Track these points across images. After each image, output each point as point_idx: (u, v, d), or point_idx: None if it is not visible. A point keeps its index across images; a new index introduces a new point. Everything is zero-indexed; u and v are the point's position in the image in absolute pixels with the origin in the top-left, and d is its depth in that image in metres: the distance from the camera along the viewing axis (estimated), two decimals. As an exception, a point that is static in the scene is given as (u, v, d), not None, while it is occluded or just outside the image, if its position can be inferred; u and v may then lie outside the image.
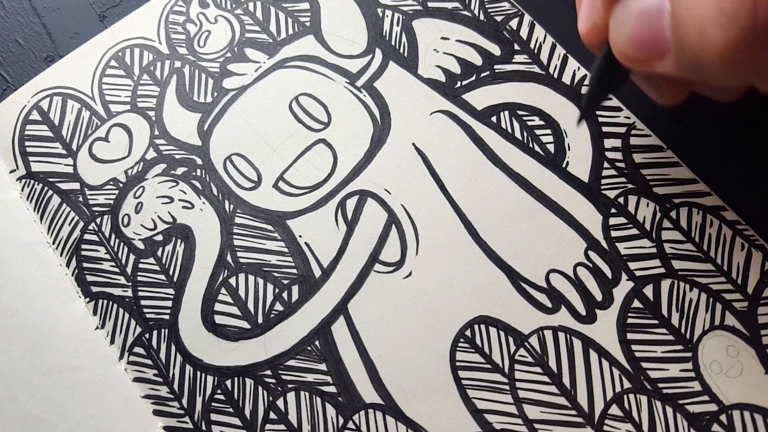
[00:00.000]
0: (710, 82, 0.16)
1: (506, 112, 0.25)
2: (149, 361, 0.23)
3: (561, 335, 0.22)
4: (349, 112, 0.26)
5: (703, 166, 0.24)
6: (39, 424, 0.23)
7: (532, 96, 0.25)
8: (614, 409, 0.21)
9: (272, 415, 0.22)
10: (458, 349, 0.22)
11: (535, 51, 0.26)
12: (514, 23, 0.27)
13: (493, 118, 0.25)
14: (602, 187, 0.24)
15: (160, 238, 0.25)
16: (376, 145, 0.26)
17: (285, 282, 0.24)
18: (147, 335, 0.24)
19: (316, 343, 0.23)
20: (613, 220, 0.23)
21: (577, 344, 0.22)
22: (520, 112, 0.25)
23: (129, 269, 0.25)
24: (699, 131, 0.24)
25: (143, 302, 0.24)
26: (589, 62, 0.25)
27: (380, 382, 0.22)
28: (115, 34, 0.28)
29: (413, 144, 0.25)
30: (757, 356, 0.21)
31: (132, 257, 0.25)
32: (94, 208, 0.26)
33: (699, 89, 0.21)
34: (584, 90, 0.25)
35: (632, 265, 0.23)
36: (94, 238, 0.25)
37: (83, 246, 0.25)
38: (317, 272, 0.24)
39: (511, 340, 0.22)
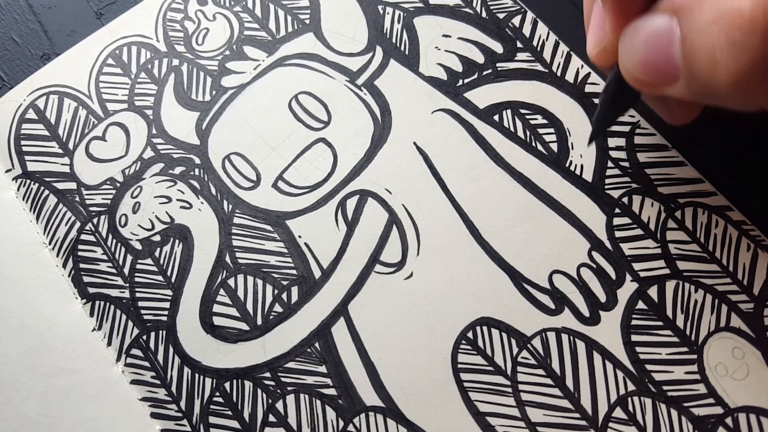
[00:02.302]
0: (722, 106, 0.16)
1: (509, 111, 0.25)
2: (147, 363, 0.23)
3: (564, 337, 0.22)
4: (349, 111, 0.26)
5: (708, 165, 0.23)
6: (35, 427, 0.23)
7: (534, 94, 0.25)
8: (618, 412, 0.21)
9: (271, 418, 0.22)
10: (460, 351, 0.22)
11: (538, 49, 0.26)
12: (516, 20, 0.26)
13: (496, 117, 0.25)
14: (606, 186, 0.23)
15: (157, 238, 0.25)
16: (377, 144, 0.25)
17: (284, 283, 0.24)
18: (144, 337, 0.23)
19: (316, 344, 0.23)
20: (617, 220, 0.23)
21: (581, 346, 0.22)
22: (522, 111, 0.25)
23: (126, 270, 0.24)
24: (704, 130, 0.24)
25: (141, 303, 0.24)
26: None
27: (381, 385, 0.22)
28: (112, 32, 0.28)
29: (414, 143, 0.25)
30: (764, 358, 0.21)
31: (129, 258, 0.25)
32: (91, 208, 0.25)
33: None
34: (595, 109, 0.25)
35: (636, 266, 0.22)
36: (91, 238, 0.25)
37: (80, 246, 0.25)
38: (317, 273, 0.24)
39: (513, 341, 0.22)
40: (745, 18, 0.14)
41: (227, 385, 0.23)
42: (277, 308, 0.23)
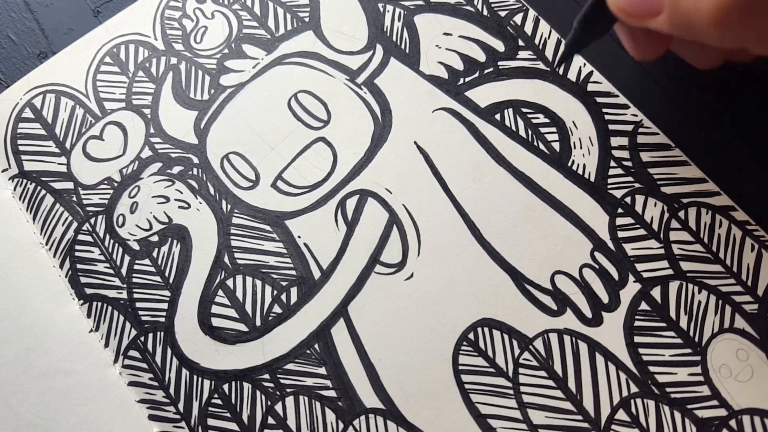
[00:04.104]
0: (701, 42, 0.17)
1: (510, 110, 0.25)
2: (144, 365, 0.23)
3: (566, 338, 0.22)
4: (349, 110, 0.26)
5: (712, 164, 0.23)
6: (32, 429, 0.22)
7: (536, 93, 0.25)
8: (621, 414, 0.21)
9: (270, 420, 0.22)
10: (461, 352, 0.22)
11: (540, 47, 0.26)
12: (518, 18, 0.26)
13: (497, 116, 0.25)
14: (609, 186, 0.23)
15: (155, 238, 0.25)
16: (377, 143, 0.25)
17: (283, 284, 0.23)
18: (142, 338, 0.23)
19: (316, 346, 0.22)
20: (619, 221, 0.23)
21: (583, 347, 0.21)
22: (524, 110, 0.25)
23: (124, 271, 0.24)
24: (708, 129, 0.24)
25: (138, 304, 0.24)
26: (597, 60, 0.25)
27: (381, 387, 0.22)
28: (110, 30, 0.28)
29: (415, 142, 0.25)
30: (768, 360, 0.21)
31: (127, 258, 0.24)
32: (88, 208, 0.25)
33: (678, 50, 0.22)
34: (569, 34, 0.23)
35: (639, 267, 0.22)
36: (88, 238, 0.25)
37: (77, 247, 0.25)
38: (316, 274, 0.23)
39: (515, 343, 0.22)
40: None
41: (226, 386, 0.22)
42: (276, 309, 0.23)
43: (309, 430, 0.22)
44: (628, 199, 0.23)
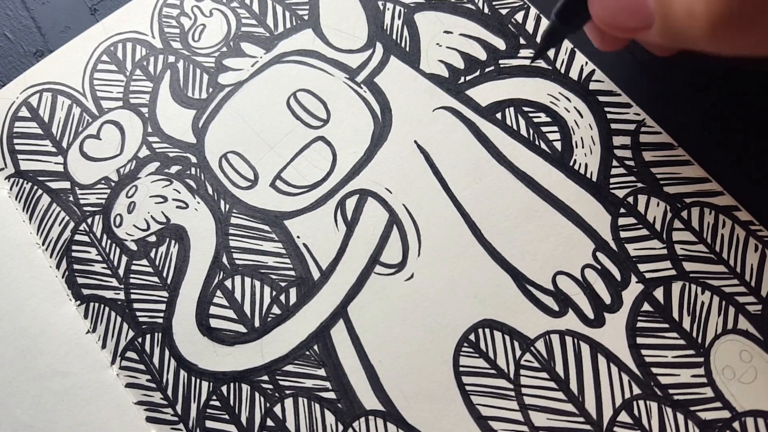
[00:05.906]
0: (697, 50, 0.17)
1: (511, 109, 0.25)
2: (142, 366, 0.23)
3: (568, 339, 0.21)
4: (348, 109, 0.25)
5: (715, 164, 0.23)
6: (28, 431, 0.22)
7: (538, 92, 0.25)
8: (623, 416, 0.20)
9: (269, 422, 0.22)
10: (462, 353, 0.22)
11: (541, 45, 0.25)
12: (519, 16, 0.26)
13: (498, 115, 0.25)
14: (611, 186, 0.23)
15: (153, 238, 0.24)
16: (377, 142, 0.25)
17: (282, 284, 0.23)
18: (140, 339, 0.23)
19: (315, 347, 0.22)
20: (622, 221, 0.23)
21: (585, 349, 0.21)
22: (525, 109, 0.25)
23: (121, 271, 0.24)
24: (711, 129, 0.23)
25: (136, 305, 0.23)
26: (599, 58, 0.25)
27: (381, 388, 0.22)
28: (107, 28, 0.28)
29: (415, 141, 0.25)
30: (772, 361, 0.20)
31: (124, 259, 0.24)
32: (85, 208, 0.25)
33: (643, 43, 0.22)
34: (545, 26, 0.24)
35: (642, 267, 0.22)
36: (85, 239, 0.25)
37: (74, 247, 0.24)
38: (316, 274, 0.23)
39: (516, 344, 0.22)
40: None
41: (224, 388, 0.22)
42: (275, 310, 0.23)
43: (308, 432, 0.21)
44: (630, 199, 0.23)
